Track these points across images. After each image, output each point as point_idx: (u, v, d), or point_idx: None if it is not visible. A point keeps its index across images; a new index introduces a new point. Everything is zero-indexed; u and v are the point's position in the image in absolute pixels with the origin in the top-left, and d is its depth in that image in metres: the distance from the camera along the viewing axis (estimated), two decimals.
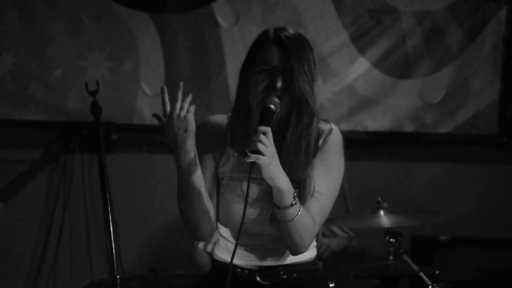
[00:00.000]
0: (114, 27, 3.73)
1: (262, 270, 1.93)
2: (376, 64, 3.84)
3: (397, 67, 3.84)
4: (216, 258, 2.02)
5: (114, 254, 1.62)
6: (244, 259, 1.94)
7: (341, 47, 3.82)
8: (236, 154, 1.90)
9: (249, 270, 1.94)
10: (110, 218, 1.66)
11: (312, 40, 3.73)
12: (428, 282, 2.74)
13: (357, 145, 3.83)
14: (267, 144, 1.70)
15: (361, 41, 3.82)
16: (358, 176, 3.87)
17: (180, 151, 1.77)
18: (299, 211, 1.79)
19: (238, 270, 1.93)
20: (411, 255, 3.37)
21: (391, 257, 3.07)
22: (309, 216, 1.83)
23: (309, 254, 1.99)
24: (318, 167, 1.89)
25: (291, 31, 1.89)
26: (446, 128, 3.88)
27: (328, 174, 1.89)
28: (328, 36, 3.80)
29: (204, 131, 1.92)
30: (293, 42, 1.85)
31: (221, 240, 1.99)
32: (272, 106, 1.77)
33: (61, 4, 3.70)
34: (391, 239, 3.14)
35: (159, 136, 3.78)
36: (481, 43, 3.86)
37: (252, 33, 3.72)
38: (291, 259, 1.95)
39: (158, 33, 3.76)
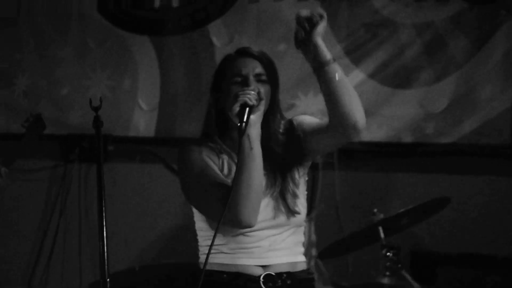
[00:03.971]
0: (116, 50, 4.06)
1: (266, 277, 1.88)
2: (372, 75, 3.71)
3: (395, 77, 3.69)
4: (214, 268, 1.93)
5: (106, 257, 1.71)
6: (249, 258, 1.89)
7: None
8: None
9: (253, 279, 1.88)
10: (104, 223, 1.76)
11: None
12: None
13: (351, 155, 3.67)
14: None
15: (355, 54, 3.74)
16: (352, 187, 3.67)
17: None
18: (339, 70, 1.86)
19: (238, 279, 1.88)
20: (411, 272, 3.08)
21: (387, 273, 2.81)
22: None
23: (304, 264, 1.97)
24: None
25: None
26: (450, 138, 3.59)
27: None
28: None
29: (199, 150, 2.02)
30: (259, 53, 2.05)
31: (227, 246, 1.92)
32: (249, 101, 1.90)
33: (72, 32, 4.12)
34: (388, 253, 2.89)
35: (151, 148, 3.90)
36: (490, 51, 3.60)
37: None
38: (289, 266, 1.91)
39: (156, 54, 4.00)
